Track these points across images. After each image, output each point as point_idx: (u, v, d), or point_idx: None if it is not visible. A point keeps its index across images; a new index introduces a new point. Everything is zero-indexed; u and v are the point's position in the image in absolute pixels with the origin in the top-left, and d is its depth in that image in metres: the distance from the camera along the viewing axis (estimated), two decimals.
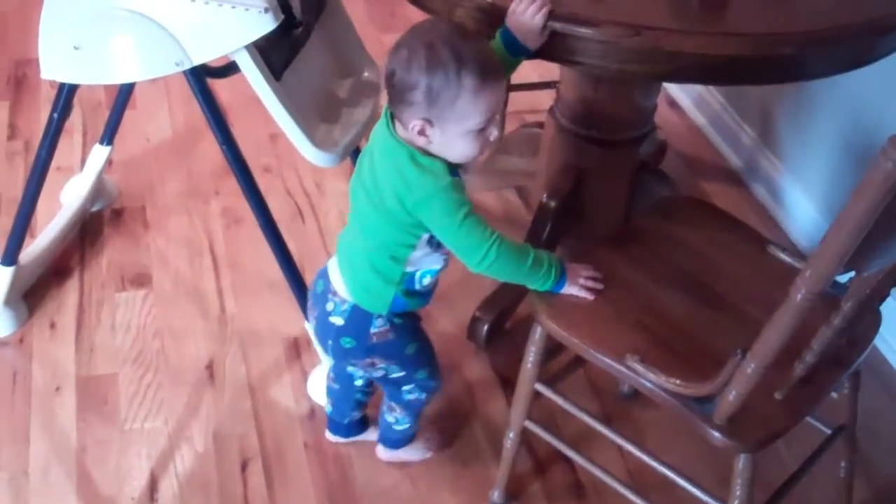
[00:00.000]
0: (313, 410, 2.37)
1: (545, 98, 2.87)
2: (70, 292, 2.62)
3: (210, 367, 2.46)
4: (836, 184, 2.76)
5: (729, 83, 2.97)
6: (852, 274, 1.55)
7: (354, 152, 2.55)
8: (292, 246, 2.66)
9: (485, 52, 1.66)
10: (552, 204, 2.56)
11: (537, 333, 1.90)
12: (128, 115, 3.05)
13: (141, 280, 2.68)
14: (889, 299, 2.49)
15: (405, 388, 2.06)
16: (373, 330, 1.89)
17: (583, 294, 1.81)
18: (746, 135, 3.24)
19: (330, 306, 1.91)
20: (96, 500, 2.15)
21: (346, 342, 1.92)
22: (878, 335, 1.87)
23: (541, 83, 3.25)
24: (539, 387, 1.99)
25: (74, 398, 2.35)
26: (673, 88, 3.63)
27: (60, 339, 2.50)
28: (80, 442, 2.26)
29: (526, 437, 2.15)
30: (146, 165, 3.10)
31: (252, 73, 1.96)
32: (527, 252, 1.77)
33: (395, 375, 2.01)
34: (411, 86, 1.63)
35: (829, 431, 2.01)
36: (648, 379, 1.69)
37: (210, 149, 2.13)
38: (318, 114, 2.18)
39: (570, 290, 1.81)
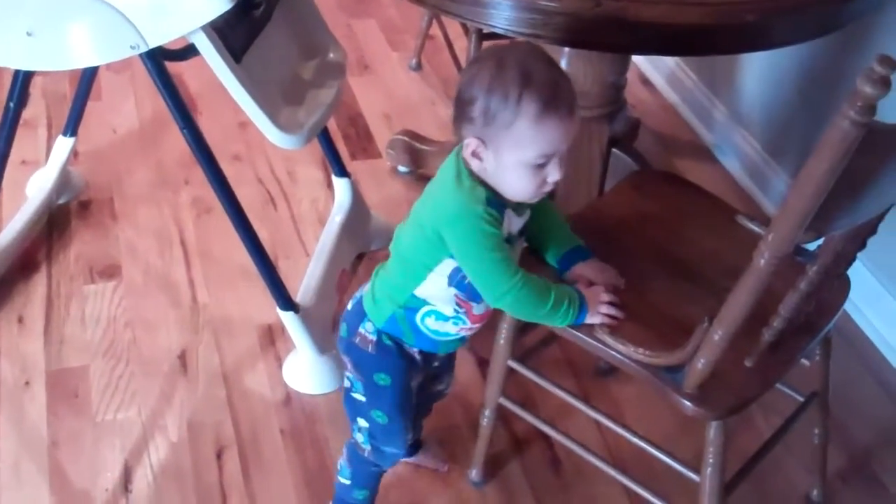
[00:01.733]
0: (289, 397, 2.36)
1: None
2: (38, 286, 2.60)
3: (183, 356, 2.45)
4: (808, 155, 2.75)
5: (693, 53, 2.96)
6: (821, 242, 1.55)
7: (324, 136, 2.55)
8: (265, 234, 2.66)
9: (559, 81, 1.53)
10: None
11: None
12: (93, 106, 3.05)
13: (110, 272, 2.66)
14: (861, 268, 2.52)
15: (358, 420, 1.90)
16: (360, 329, 1.79)
17: (605, 322, 1.71)
18: (718, 110, 3.23)
19: (360, 290, 1.84)
20: (69, 493, 2.13)
21: (343, 329, 1.83)
22: (850, 303, 1.86)
23: None
24: (513, 364, 1.98)
25: (44, 392, 2.33)
26: (645, 66, 3.63)
27: (29, 333, 2.48)
28: (52, 436, 2.24)
29: (503, 416, 2.15)
30: (113, 157, 3.07)
31: (210, 55, 1.94)
32: (547, 294, 1.65)
33: (355, 395, 1.86)
34: (470, 101, 1.54)
35: (801, 399, 2.01)
36: (618, 350, 1.68)
37: (178, 138, 2.11)
38: (281, 96, 2.16)
39: (591, 321, 1.71)
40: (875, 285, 2.55)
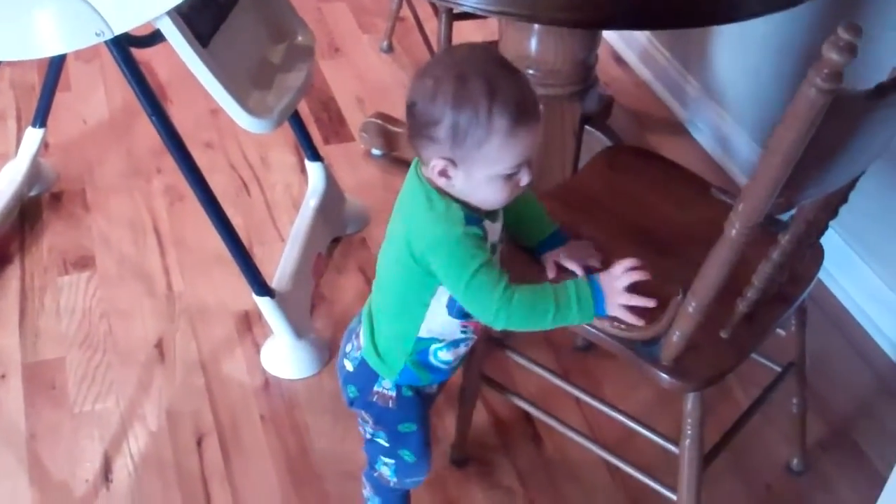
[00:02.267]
0: (268, 382, 2.36)
1: None
2: (11, 279, 2.59)
3: (159, 345, 2.44)
4: None
5: (663, 27, 2.96)
6: (793, 212, 1.56)
7: (296, 120, 2.54)
8: (239, 220, 2.66)
9: (524, 88, 1.46)
10: None
11: None
12: (63, 97, 3.04)
13: (84, 262, 2.65)
14: (835, 236, 2.53)
15: (382, 459, 1.84)
16: (377, 388, 1.72)
17: (631, 319, 1.60)
18: (691, 86, 3.23)
19: (348, 347, 1.77)
20: (49, 485, 2.13)
21: (351, 390, 1.77)
22: (825, 271, 1.87)
23: (483, 42, 3.22)
24: (491, 342, 1.98)
25: (21, 385, 2.32)
26: (618, 44, 3.62)
27: (4, 326, 2.46)
28: (30, 428, 2.23)
29: (483, 395, 2.15)
30: (84, 147, 3.06)
31: (177, 41, 1.93)
32: (546, 297, 1.55)
33: (379, 442, 1.81)
34: (434, 121, 1.45)
35: (779, 369, 2.02)
36: (594, 326, 1.67)
37: (149, 127, 2.09)
38: (250, 80, 2.15)
39: (612, 313, 1.60)
40: (849, 253, 2.56)
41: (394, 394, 1.72)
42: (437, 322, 1.64)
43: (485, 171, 1.48)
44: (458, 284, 1.52)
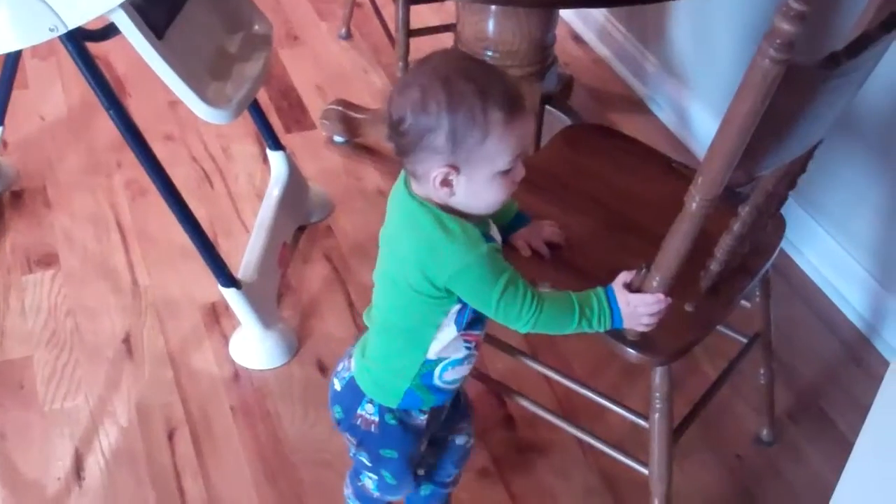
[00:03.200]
0: (237, 373, 2.35)
1: (447, 41, 2.85)
2: None
3: (127, 340, 2.43)
4: None
5: (619, 3, 2.97)
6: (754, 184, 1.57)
7: (256, 110, 2.54)
8: (202, 212, 2.65)
9: (508, 80, 1.45)
10: None
11: None
12: (20, 95, 3.02)
13: (48, 260, 2.63)
14: (796, 207, 2.55)
15: (367, 473, 1.82)
16: (360, 411, 1.69)
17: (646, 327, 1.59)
18: (650, 62, 3.24)
19: (340, 367, 1.74)
20: (21, 485, 2.12)
21: (337, 411, 1.74)
22: (788, 243, 1.88)
23: (441, 26, 3.22)
24: None
25: None
26: (576, 22, 3.63)
27: None
28: None
29: None
30: (43, 144, 3.03)
31: (132, 33, 1.91)
32: (570, 306, 1.54)
33: (361, 459, 1.79)
34: (430, 129, 1.41)
35: (745, 340, 2.03)
36: None
37: (108, 122, 2.08)
38: (207, 71, 2.14)
39: (631, 326, 1.59)
40: (812, 225, 2.58)
41: (377, 419, 1.69)
42: (446, 340, 1.60)
43: (486, 169, 1.44)
44: (489, 304, 1.50)
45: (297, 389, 2.31)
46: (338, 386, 1.73)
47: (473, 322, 1.59)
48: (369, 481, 1.84)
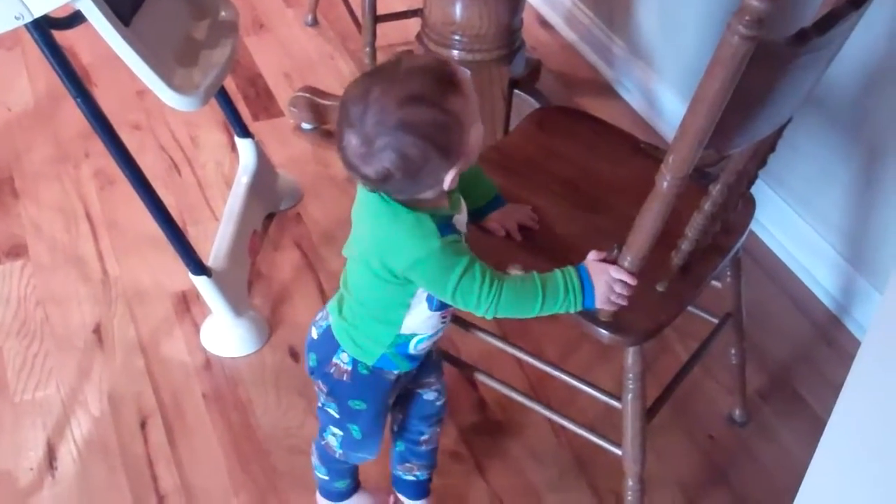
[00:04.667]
0: (209, 361, 2.35)
1: (413, 26, 2.84)
2: None
3: (97, 330, 2.42)
4: None
5: None
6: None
7: (223, 98, 2.53)
8: (171, 200, 2.64)
9: (425, 65, 1.45)
10: None
11: None
12: None
13: (16, 251, 2.61)
14: (765, 188, 2.56)
15: (331, 427, 1.83)
16: (334, 359, 1.72)
17: (618, 307, 1.58)
18: (617, 46, 3.25)
19: (318, 316, 1.76)
20: None
21: (312, 359, 1.77)
22: (758, 224, 1.89)
23: (408, 11, 3.22)
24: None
25: None
26: (543, 7, 3.62)
27: None
28: None
29: None
30: (9, 135, 3.01)
31: (98, 20, 1.90)
32: (534, 287, 1.54)
33: (329, 411, 1.80)
34: (421, 162, 1.43)
35: (716, 321, 2.04)
36: None
37: (75, 113, 2.07)
38: (174, 57, 2.13)
39: (601, 306, 1.57)
40: (782, 206, 2.59)
41: (349, 368, 1.71)
42: (419, 318, 1.64)
43: (474, 144, 1.48)
44: (444, 293, 1.52)
45: (269, 376, 2.31)
46: (315, 334, 1.76)
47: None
48: (333, 438, 1.85)
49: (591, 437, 1.89)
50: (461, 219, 1.60)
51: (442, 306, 1.62)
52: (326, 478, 1.98)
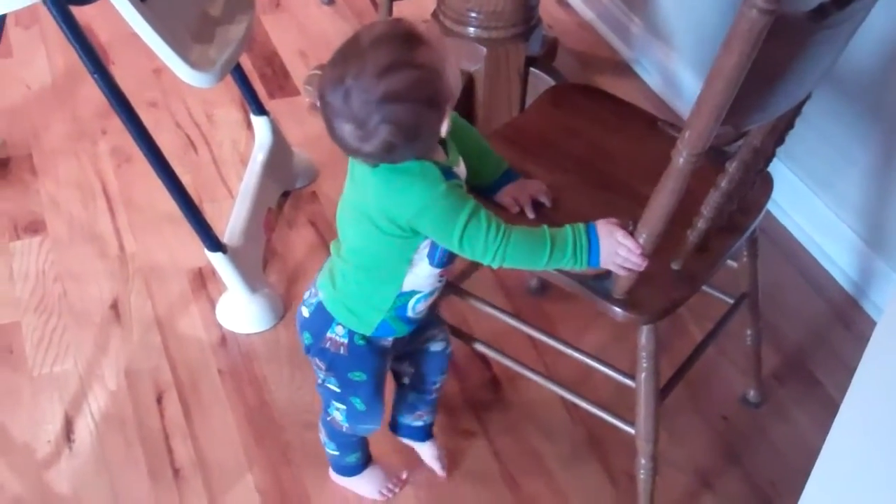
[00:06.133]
0: (224, 338, 2.36)
1: (429, 3, 2.84)
2: None
3: (115, 306, 2.43)
4: None
5: None
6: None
7: (239, 76, 2.53)
8: (187, 178, 2.64)
9: (382, 32, 1.45)
10: None
11: None
12: (5, 63, 3.04)
13: (35, 227, 2.62)
14: (783, 168, 2.55)
15: (335, 403, 1.85)
16: (329, 334, 1.73)
17: (622, 272, 1.58)
18: (635, 24, 3.24)
19: (307, 294, 1.77)
20: (11, 448, 2.12)
21: (307, 337, 1.78)
22: (775, 204, 1.87)
23: None
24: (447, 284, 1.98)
25: None
26: None
27: None
28: None
29: None
30: (28, 112, 3.02)
31: None
32: (543, 238, 1.54)
33: (330, 387, 1.82)
34: (413, 120, 1.45)
35: (731, 301, 2.03)
36: None
37: (93, 90, 2.08)
38: (190, 34, 2.13)
39: (608, 267, 1.57)
40: (798, 186, 2.58)
41: (346, 341, 1.73)
42: (421, 275, 1.65)
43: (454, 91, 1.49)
44: (452, 239, 1.52)
45: (283, 353, 2.32)
46: (306, 313, 1.77)
47: (450, 257, 1.63)
48: (338, 413, 1.86)
49: (605, 416, 1.89)
50: (461, 169, 1.61)
51: (442, 263, 1.63)
52: (337, 453, 1.99)
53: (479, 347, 2.05)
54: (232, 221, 2.44)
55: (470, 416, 2.20)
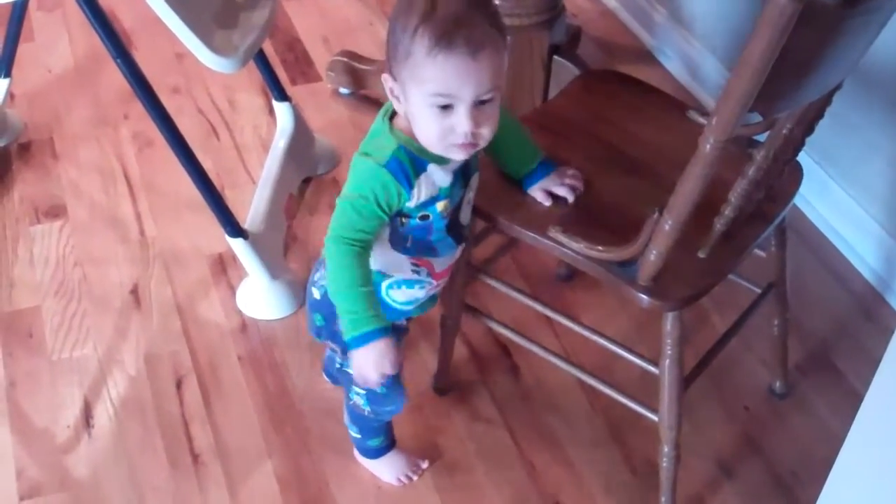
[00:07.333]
0: (244, 324, 2.35)
1: None
2: None
3: (135, 291, 2.43)
4: None
5: None
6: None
7: (262, 61, 2.52)
8: (209, 164, 2.64)
9: (463, 19, 1.43)
10: None
11: None
12: (27, 47, 3.02)
13: (56, 211, 2.62)
14: (808, 160, 2.53)
15: (355, 388, 1.85)
16: None
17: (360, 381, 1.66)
18: (658, 13, 3.22)
19: (317, 276, 1.78)
20: (31, 432, 2.12)
21: (318, 319, 1.79)
22: (798, 194, 1.86)
23: None
24: (471, 266, 1.98)
25: None
26: None
27: None
28: (9, 377, 2.22)
29: (460, 328, 2.14)
30: (50, 97, 3.02)
31: None
32: (353, 286, 1.56)
33: (348, 371, 1.77)
34: (388, 34, 1.49)
35: (758, 291, 2.02)
36: (572, 248, 1.67)
37: (114, 75, 2.08)
38: (213, 19, 2.12)
39: (356, 371, 1.64)
40: (823, 176, 2.57)
41: None
42: (384, 256, 1.65)
43: (415, 89, 1.47)
44: (342, 193, 1.58)
45: (304, 339, 2.31)
46: (317, 294, 1.77)
47: (422, 248, 1.64)
48: (359, 398, 1.87)
49: (628, 402, 1.88)
50: (441, 174, 1.59)
51: (407, 250, 1.65)
52: (359, 436, 1.99)
53: (496, 328, 2.04)
54: (253, 207, 2.43)
55: (489, 403, 2.19)
